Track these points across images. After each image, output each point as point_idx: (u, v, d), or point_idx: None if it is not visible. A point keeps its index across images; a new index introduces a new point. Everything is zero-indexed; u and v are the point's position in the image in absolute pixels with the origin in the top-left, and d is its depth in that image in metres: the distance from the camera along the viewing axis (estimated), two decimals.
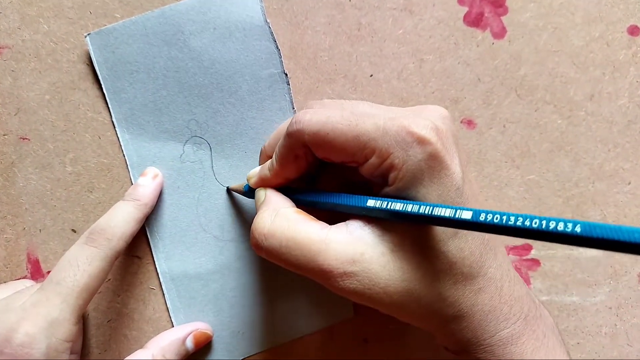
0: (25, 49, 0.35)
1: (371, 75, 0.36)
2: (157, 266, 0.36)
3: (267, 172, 0.30)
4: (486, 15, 0.36)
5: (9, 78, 0.35)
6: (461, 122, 0.36)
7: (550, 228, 0.19)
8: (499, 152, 0.36)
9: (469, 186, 0.26)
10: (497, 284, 0.26)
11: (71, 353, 0.31)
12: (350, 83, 0.36)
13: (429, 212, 0.23)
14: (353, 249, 0.25)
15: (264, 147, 0.32)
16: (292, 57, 0.36)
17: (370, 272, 0.25)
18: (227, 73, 0.35)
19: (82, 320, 0.35)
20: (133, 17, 0.35)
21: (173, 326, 0.36)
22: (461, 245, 0.25)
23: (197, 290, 0.36)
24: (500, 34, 0.36)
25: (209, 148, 0.36)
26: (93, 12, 0.35)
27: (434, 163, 0.24)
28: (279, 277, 0.36)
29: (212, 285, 0.36)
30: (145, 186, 0.34)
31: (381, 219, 0.26)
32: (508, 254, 0.36)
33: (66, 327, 0.29)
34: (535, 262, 0.36)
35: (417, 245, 0.25)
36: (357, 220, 0.26)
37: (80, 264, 0.30)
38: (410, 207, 0.24)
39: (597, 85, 0.36)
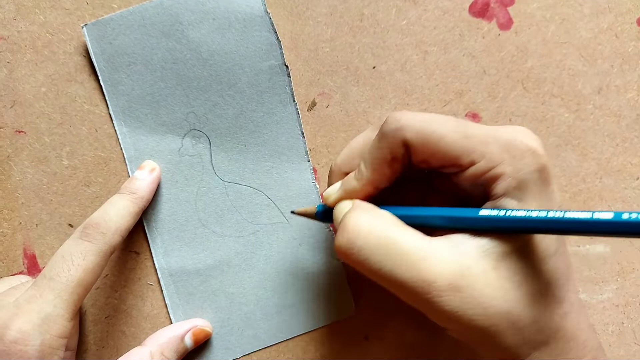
0: (21, 40, 0.35)
1: (374, 67, 0.35)
2: (155, 262, 0.35)
3: (353, 183, 0.27)
4: (492, 5, 0.35)
5: (4, 70, 0.35)
6: (466, 115, 0.35)
7: None
8: None
9: None
10: (577, 310, 0.25)
11: (66, 350, 0.30)
12: (352, 75, 0.35)
13: (561, 217, 0.21)
14: (459, 261, 0.23)
15: (335, 164, 0.29)
16: (293, 49, 0.35)
17: (475, 289, 0.23)
18: (227, 65, 0.34)
19: (78, 316, 0.34)
20: (130, 8, 0.34)
21: (171, 323, 0.35)
22: (557, 265, 0.24)
23: (196, 286, 0.35)
24: (506, 25, 0.35)
25: (208, 141, 0.35)
26: (90, 3, 0.34)
27: (543, 176, 0.23)
28: (279, 273, 0.35)
29: (211, 282, 0.35)
30: (142, 179, 0.33)
31: (488, 232, 0.24)
32: None
33: (60, 324, 0.28)
34: None
35: (519, 263, 0.23)
36: (458, 235, 0.24)
37: (75, 258, 0.29)
38: (536, 214, 0.22)
39: (605, 78, 0.35)
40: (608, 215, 0.20)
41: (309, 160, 0.35)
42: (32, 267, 0.35)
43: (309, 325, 0.35)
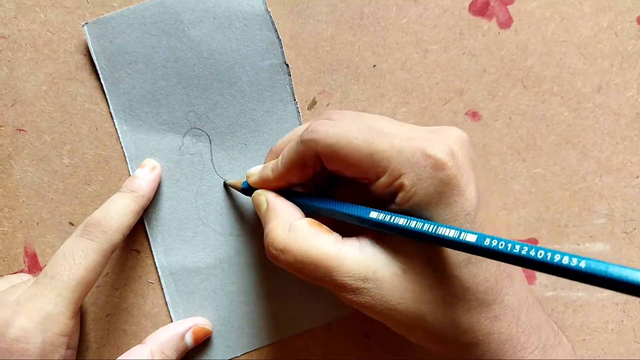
0: (22, 38, 0.35)
1: (374, 66, 0.35)
2: (155, 260, 0.35)
3: (269, 173, 0.30)
4: (492, 4, 0.35)
5: (5, 69, 0.35)
6: (466, 114, 0.35)
7: (555, 261, 0.19)
8: (505, 145, 0.36)
9: (485, 212, 0.25)
10: (514, 312, 0.25)
11: (67, 348, 0.30)
12: (352, 74, 0.35)
13: (433, 231, 0.23)
14: (366, 267, 0.25)
15: (275, 146, 0.32)
16: (293, 47, 0.35)
17: (382, 289, 0.25)
18: (227, 64, 0.34)
19: (79, 314, 0.34)
20: (131, 6, 0.34)
21: (172, 321, 0.35)
22: (475, 271, 0.25)
23: (196, 284, 0.35)
24: (506, 23, 0.35)
25: (208, 140, 0.35)
26: (90, 1, 0.35)
27: (445, 188, 0.24)
28: (279, 272, 0.35)
29: (212, 280, 0.35)
30: (143, 178, 0.33)
31: (388, 235, 0.26)
32: None
33: (62, 322, 0.28)
34: None
35: (428, 268, 0.25)
36: (368, 237, 0.27)
37: (76, 257, 0.29)
38: (414, 224, 0.24)
39: (605, 76, 0.35)
40: (472, 238, 0.21)
41: None
42: (33, 266, 0.35)
43: (309, 323, 0.35)
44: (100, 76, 0.34)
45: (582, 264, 0.18)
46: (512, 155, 0.36)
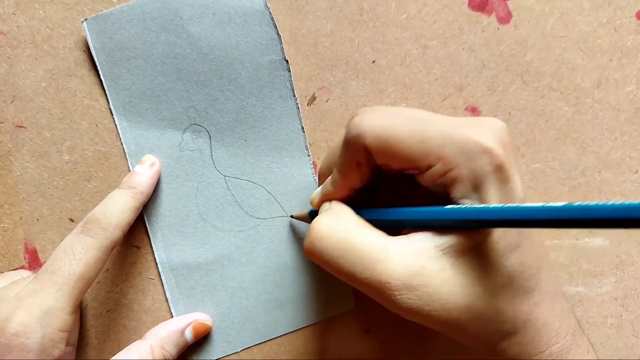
0: (21, 35, 0.35)
1: (373, 62, 0.35)
2: (155, 256, 0.35)
3: (330, 187, 0.29)
4: None
5: (4, 65, 0.35)
6: (465, 109, 0.35)
7: None
8: None
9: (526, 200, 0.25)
10: (550, 298, 0.25)
11: (67, 344, 0.30)
12: (352, 69, 0.35)
13: (516, 206, 0.22)
14: (414, 261, 0.24)
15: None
16: (293, 43, 0.35)
17: (430, 287, 0.24)
18: (227, 60, 0.34)
19: (79, 311, 0.34)
20: (130, 2, 0.34)
21: (172, 317, 0.35)
22: (522, 259, 0.24)
23: (197, 280, 0.35)
24: (505, 18, 0.35)
25: (208, 136, 0.35)
26: None
27: (500, 175, 0.24)
28: (279, 267, 0.35)
29: (212, 276, 0.35)
30: (142, 174, 0.33)
31: (446, 231, 0.25)
32: None
33: (62, 317, 0.28)
34: None
35: (478, 260, 0.24)
36: (419, 233, 0.25)
37: (76, 253, 0.29)
38: (492, 205, 0.23)
39: (604, 71, 0.35)
40: (560, 204, 0.20)
41: (309, 155, 0.35)
42: (33, 262, 0.35)
43: (309, 319, 0.36)
44: (100, 72, 0.34)
45: None
46: None
